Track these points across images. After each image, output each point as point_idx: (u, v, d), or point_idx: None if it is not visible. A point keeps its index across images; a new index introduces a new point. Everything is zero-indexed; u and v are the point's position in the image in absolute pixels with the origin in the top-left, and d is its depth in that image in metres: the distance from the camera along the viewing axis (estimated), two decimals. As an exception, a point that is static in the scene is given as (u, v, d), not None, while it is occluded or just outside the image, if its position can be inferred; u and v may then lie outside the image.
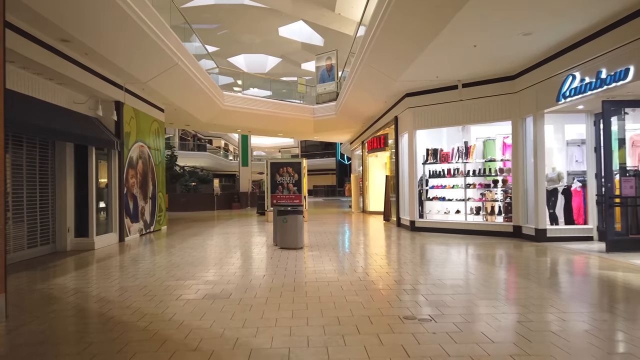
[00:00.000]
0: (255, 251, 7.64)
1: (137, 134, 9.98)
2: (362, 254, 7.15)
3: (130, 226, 9.46)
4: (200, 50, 14.72)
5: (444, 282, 5.03)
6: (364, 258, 6.77)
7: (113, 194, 8.88)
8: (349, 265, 6.18)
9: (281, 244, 7.91)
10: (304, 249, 7.74)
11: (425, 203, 10.79)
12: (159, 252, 7.72)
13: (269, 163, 13.61)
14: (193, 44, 13.57)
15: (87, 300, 4.43)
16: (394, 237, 9.51)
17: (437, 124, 10.42)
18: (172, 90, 10.66)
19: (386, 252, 7.41)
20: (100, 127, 8.55)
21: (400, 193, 11.70)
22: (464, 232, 9.81)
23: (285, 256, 6.99)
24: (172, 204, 20.53)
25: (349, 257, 6.90)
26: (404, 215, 11.49)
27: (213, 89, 12.89)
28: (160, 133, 11.70)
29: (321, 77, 18.07)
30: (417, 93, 10.58)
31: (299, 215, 7.81)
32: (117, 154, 8.97)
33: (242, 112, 15.56)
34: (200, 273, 5.71)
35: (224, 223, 13.57)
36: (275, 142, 50.90)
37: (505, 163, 9.96)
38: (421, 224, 10.51)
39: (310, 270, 5.78)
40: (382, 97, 11.63)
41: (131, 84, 9.39)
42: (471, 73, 9.20)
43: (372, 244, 8.38)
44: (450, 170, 10.49)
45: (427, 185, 10.83)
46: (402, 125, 11.48)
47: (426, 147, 10.83)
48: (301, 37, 26.70)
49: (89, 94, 8.30)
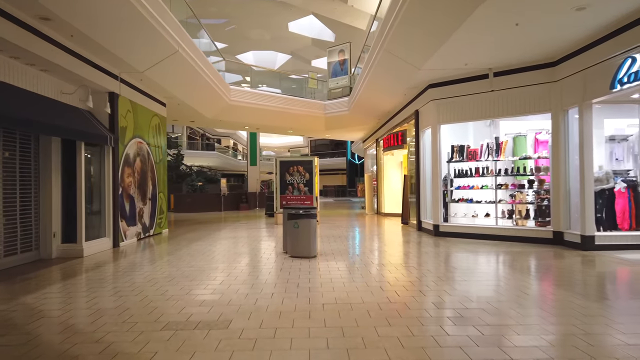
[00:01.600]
0: (262, 260, 6.72)
1: (135, 129, 9.14)
2: (386, 266, 6.17)
3: (127, 230, 8.62)
4: (208, 47, 13.86)
5: (495, 306, 4.03)
6: (389, 271, 5.79)
7: (106, 194, 8.04)
8: (373, 280, 5.21)
9: (292, 251, 6.98)
10: (318, 258, 6.81)
11: (449, 205, 9.77)
12: (154, 260, 6.85)
13: (279, 162, 12.70)
14: (200, 40, 12.74)
15: (50, 329, 3.54)
16: (418, 244, 8.51)
17: (464, 117, 9.39)
18: (173, 81, 9.80)
19: (413, 263, 6.42)
20: (92, 120, 7.71)
21: (421, 194, 10.69)
22: (494, 238, 8.77)
23: (297, 267, 6.06)
24: (178, 204, 19.77)
25: (371, 269, 5.93)
26: (426, 218, 10.48)
27: (219, 82, 12.03)
28: (162, 129, 10.86)
29: (333, 71, 17.11)
30: (441, 84, 9.56)
31: (312, 220, 6.87)
32: (111, 150, 8.13)
33: (250, 108, 14.68)
34: (197, 289, 4.80)
35: (231, 226, 12.70)
36: (284, 141, 50.19)
37: (538, 161, 8.93)
38: (446, 228, 9.49)
39: (327, 287, 4.83)
40: (401, 90, 10.63)
41: (127, 73, 8.54)
42: (505, 59, 8.16)
43: (395, 253, 7.40)
44: (478, 169, 9.46)
45: (451, 185, 9.81)
46: (424, 119, 10.47)
47: (451, 144, 9.81)
48: (311, 33, 25.92)
49: (79, 84, 7.46)
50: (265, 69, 21.67)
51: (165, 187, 11.03)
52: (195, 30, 12.08)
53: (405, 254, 7.24)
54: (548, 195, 8.59)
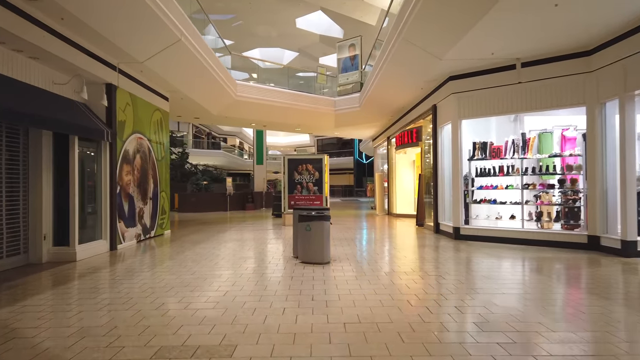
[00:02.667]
0: (271, 267, 6.10)
1: (135, 123, 8.58)
2: (410, 274, 5.53)
3: (125, 231, 8.05)
4: (214, 43, 13.25)
5: (549, 327, 3.38)
6: (414, 281, 5.15)
7: (103, 193, 7.48)
8: (398, 292, 4.57)
9: (303, 256, 6.36)
10: (332, 264, 6.18)
11: (470, 206, 9.09)
12: (153, 265, 6.26)
13: (287, 160, 12.08)
14: (206, 36, 12.15)
15: (17, 356, 2.95)
16: (439, 248, 7.84)
17: (488, 112, 8.70)
18: (175, 73, 9.22)
19: (439, 271, 5.77)
20: (87, 113, 7.15)
21: (439, 195, 10.01)
22: (521, 242, 8.09)
23: (310, 275, 5.44)
24: (182, 204, 19.25)
25: (394, 278, 5.29)
26: (444, 220, 9.81)
27: (224, 75, 11.44)
28: (164, 124, 10.30)
29: (343, 67, 16.47)
30: (463, 75, 8.88)
31: (325, 222, 6.25)
32: (108, 146, 7.57)
33: (257, 104, 14.08)
34: (198, 302, 4.20)
35: (236, 226, 12.11)
36: (291, 140, 49.66)
37: (566, 159, 8.27)
38: (467, 231, 8.81)
39: (346, 301, 4.20)
40: (419, 83, 9.97)
41: (126, 64, 7.97)
42: (535, 48, 7.47)
43: (416, 259, 6.75)
44: (503, 168, 8.77)
45: (472, 185, 9.13)
46: (443, 114, 9.80)
47: (472, 141, 9.12)
48: (319, 29, 25.35)
49: (72, 74, 6.90)
50: (274, 64, 21.06)
51: (167, 186, 10.47)
52: (201, 26, 11.49)
53: (427, 260, 6.58)
54: (576, 196, 7.94)
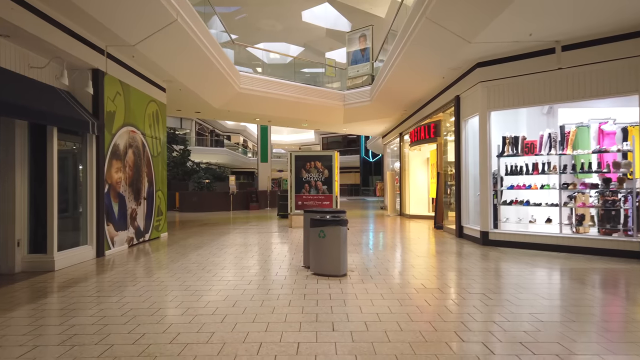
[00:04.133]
0: (278, 280, 5.21)
1: (126, 115, 7.71)
2: (446, 293, 4.61)
3: (115, 235, 7.20)
4: (218, 37, 12.34)
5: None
6: (454, 302, 4.23)
7: (89, 192, 6.62)
8: (440, 318, 3.65)
9: (316, 267, 5.46)
10: (349, 277, 5.28)
11: (499, 208, 8.15)
12: (142, 277, 5.39)
13: (294, 156, 11.19)
14: (211, 30, 11.25)
15: None
16: (468, 256, 6.91)
17: (521, 102, 7.75)
18: (172, 60, 8.34)
19: (482, 287, 4.84)
20: (70, 102, 6.29)
21: (462, 195, 9.08)
22: (560, 249, 7.15)
23: (325, 292, 4.54)
24: (183, 203, 18.44)
25: (428, 298, 4.37)
26: (469, 223, 8.87)
27: (227, 65, 10.56)
28: (161, 117, 9.43)
29: (353, 59, 15.54)
30: (493, 62, 7.93)
31: (342, 228, 5.34)
32: (94, 139, 6.71)
33: (262, 97, 13.19)
34: (189, 333, 3.31)
35: (239, 228, 11.24)
36: (295, 139, 48.83)
37: (603, 156, 7.38)
38: (497, 236, 7.87)
39: (377, 332, 3.29)
40: (441, 71, 9.02)
41: (115, 48, 7.10)
42: (579, 28, 6.51)
43: (448, 271, 5.82)
44: (537, 165, 7.82)
45: (501, 184, 8.19)
46: (468, 106, 8.85)
47: (502, 135, 8.18)
48: (326, 23, 24.51)
49: (52, 56, 6.04)
50: (280, 54, 20.15)
51: (164, 184, 9.60)
52: (204, 18, 10.60)
53: (461, 272, 5.65)
54: (615, 197, 7.04)
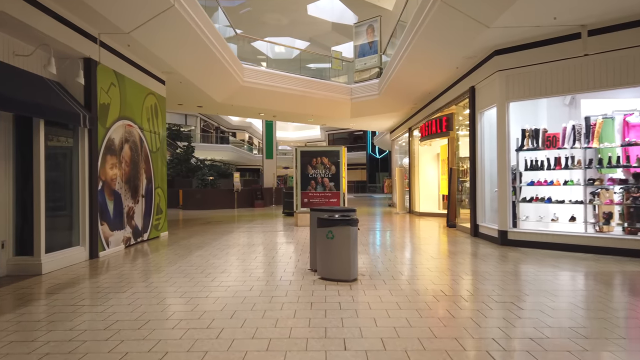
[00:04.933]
0: (282, 286, 4.76)
1: (122, 108, 7.29)
2: (470, 299, 4.13)
3: (110, 235, 6.80)
4: (223, 32, 11.90)
5: None
6: (481, 310, 3.75)
7: (81, 190, 6.21)
8: (466, 332, 3.17)
9: (323, 271, 5.00)
10: (360, 282, 4.82)
11: (518, 206, 7.63)
12: (134, 281, 4.98)
13: (299, 152, 10.73)
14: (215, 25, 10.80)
15: None
16: (487, 257, 6.41)
17: (542, 92, 7.21)
18: (170, 49, 7.89)
19: (508, 294, 4.35)
20: (60, 93, 5.88)
21: (478, 192, 8.56)
22: (585, 250, 6.63)
23: (335, 301, 4.08)
24: (187, 200, 18.09)
25: (451, 306, 3.90)
26: (485, 221, 8.36)
27: (229, 56, 10.11)
28: (160, 111, 9.01)
29: (361, 51, 15.01)
30: (513, 49, 7.39)
31: (352, 228, 4.88)
32: (86, 133, 6.29)
33: (266, 91, 12.73)
34: (179, 352, 2.87)
35: (243, 227, 10.82)
36: (300, 136, 48.40)
37: (628, 149, 6.89)
38: (516, 235, 7.36)
39: (396, 352, 2.83)
40: (455, 60, 8.49)
41: (109, 35, 6.68)
42: (608, 11, 5.96)
43: (467, 273, 5.34)
44: (560, 159, 7.29)
45: (520, 180, 7.67)
46: (484, 97, 8.32)
47: (521, 128, 7.64)
48: (332, 17, 24.09)
49: (39, 43, 5.62)
50: (285, 46, 19.68)
51: (164, 181, 9.19)
52: (209, 12, 10.14)
53: (482, 275, 5.16)
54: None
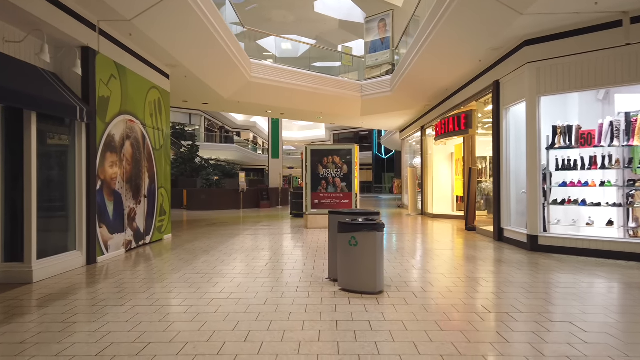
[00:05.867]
0: (299, 299, 4.23)
1: (123, 102, 6.80)
2: (520, 316, 3.58)
3: (109, 239, 6.30)
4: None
5: None
6: (537, 332, 3.20)
7: (77, 190, 5.72)
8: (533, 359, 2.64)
9: (344, 281, 4.47)
10: (387, 294, 4.28)
11: (548, 209, 7.06)
12: (133, 292, 4.47)
13: (309, 150, 10.21)
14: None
15: None
16: (521, 264, 5.85)
17: (579, 85, 6.63)
18: (174, 40, 7.39)
19: (564, 309, 3.80)
20: (55, 84, 5.39)
21: (502, 193, 8.00)
22: (623, 257, 6.05)
23: (363, 318, 3.54)
24: (191, 201, 17.61)
25: (500, 326, 3.35)
26: (510, 225, 7.80)
27: (236, 50, 9.61)
28: (164, 106, 8.52)
29: (372, 47, 14.48)
30: (545, 38, 6.82)
31: (378, 234, 4.34)
32: (84, 128, 5.80)
33: (274, 87, 12.23)
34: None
35: (250, 229, 10.31)
36: (305, 135, 47.99)
37: None
38: (548, 240, 6.79)
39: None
40: (479, 52, 7.93)
41: (109, 23, 6.18)
42: (660, -8, 5.42)
43: (503, 283, 4.79)
44: (595, 158, 6.72)
45: (550, 181, 7.10)
46: (510, 92, 7.76)
47: (552, 124, 7.07)
48: (339, 14, 23.64)
49: (32, 28, 5.13)
50: (293, 41, 19.19)
51: (167, 181, 8.70)
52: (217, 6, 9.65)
53: (524, 288, 4.60)
54: None
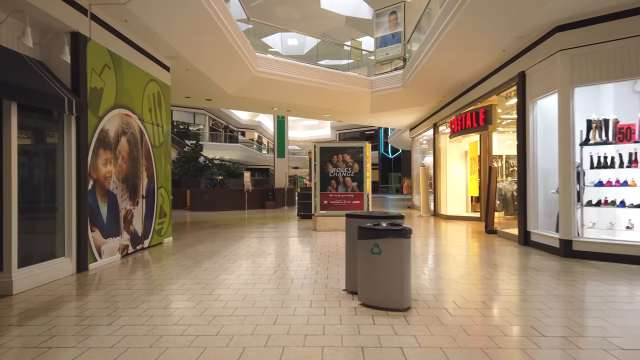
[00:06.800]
0: (315, 317, 3.66)
1: (119, 94, 6.27)
2: (580, 338, 2.99)
3: (102, 244, 5.77)
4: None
5: None
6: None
7: (66, 190, 5.19)
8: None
9: (366, 295, 3.89)
10: (416, 312, 3.70)
11: (582, 211, 6.44)
12: (125, 307, 3.92)
13: (318, 148, 9.64)
14: None
15: None
16: (558, 273, 5.23)
17: (619, 74, 5.99)
18: (173, 27, 6.83)
19: (633, 335, 3.21)
20: (41, 72, 4.86)
21: (529, 194, 7.39)
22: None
23: (393, 343, 2.96)
24: (194, 201, 17.11)
25: (564, 355, 2.76)
26: (538, 228, 7.19)
27: (241, 42, 9.06)
28: (164, 101, 7.98)
29: (382, 41, 13.89)
30: (579, 23, 6.20)
31: (404, 241, 3.76)
32: (73, 121, 5.27)
33: (281, 83, 11.67)
34: None
35: (256, 231, 9.76)
36: (310, 135, 47.44)
37: None
38: (583, 245, 6.18)
39: None
40: (502, 42, 7.31)
41: (102, 7, 5.64)
42: None
43: (550, 297, 4.19)
44: (635, 155, 6.09)
45: (583, 181, 6.48)
46: (538, 83, 7.14)
47: (586, 118, 6.45)
48: (346, 10, 23.13)
49: (11, 9, 4.61)
50: (300, 33, 18.69)
51: (168, 180, 8.17)
52: None
53: (573, 303, 3.98)
54: None
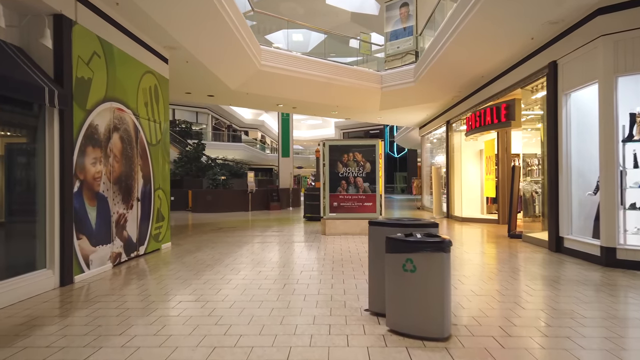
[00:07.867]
0: (336, 348, 3.02)
1: (110, 86, 5.65)
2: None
3: (91, 252, 5.15)
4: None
5: None
6: None
7: (48, 193, 4.58)
8: None
9: (395, 319, 3.24)
10: (458, 341, 3.06)
11: (624, 214, 5.76)
12: (108, 332, 3.30)
13: (328, 146, 9.02)
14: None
15: None
16: (609, 287, 4.56)
17: (669, 62, 5.36)
18: (170, 12, 6.19)
19: None
20: (19, 59, 4.24)
21: (561, 195, 6.72)
22: None
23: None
24: (197, 202, 16.52)
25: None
26: (572, 233, 6.52)
27: (245, 32, 8.43)
28: (162, 95, 7.36)
29: (392, 35, 13.23)
30: (622, 5, 5.52)
31: (444, 255, 3.11)
32: (56, 115, 4.65)
33: (287, 77, 11.04)
34: None
35: (260, 235, 9.14)
36: (315, 134, 46.88)
37: None
38: (629, 254, 5.51)
39: None
40: (531, 28, 6.63)
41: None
42: None
43: (614, 319, 3.53)
44: (688, 154, 5.43)
45: (626, 181, 5.80)
46: (573, 73, 6.46)
47: (630, 112, 5.77)
48: (351, 6, 22.58)
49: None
50: (306, 26, 18.09)
51: (166, 182, 7.55)
52: None
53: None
54: None
